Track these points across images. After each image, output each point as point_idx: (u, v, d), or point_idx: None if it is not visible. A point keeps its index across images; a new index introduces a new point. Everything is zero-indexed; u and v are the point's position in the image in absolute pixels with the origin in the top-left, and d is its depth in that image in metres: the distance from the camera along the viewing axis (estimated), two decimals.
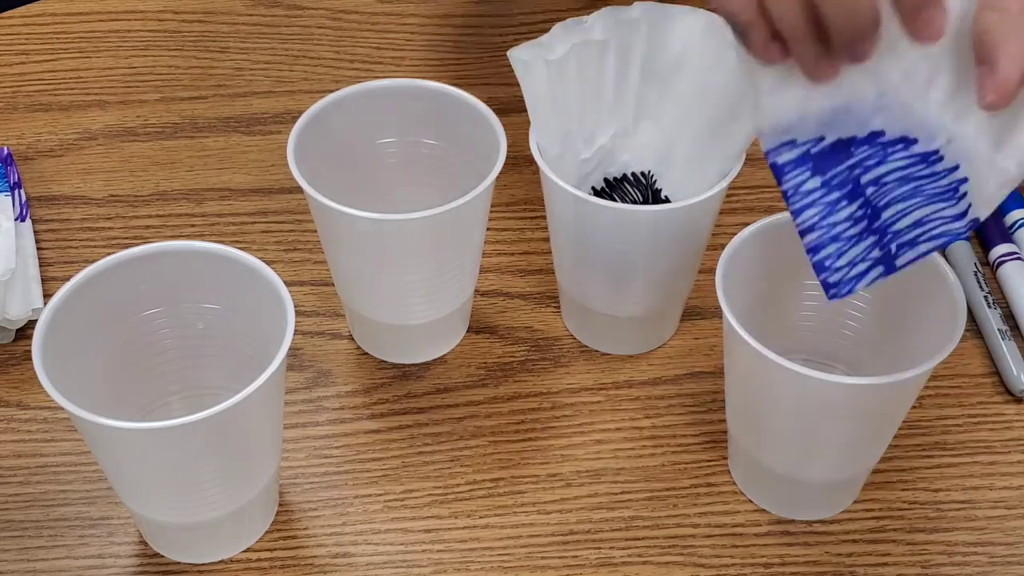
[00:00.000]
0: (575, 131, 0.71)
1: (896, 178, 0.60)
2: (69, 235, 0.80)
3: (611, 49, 0.69)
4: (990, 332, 0.74)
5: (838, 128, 0.59)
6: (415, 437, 0.71)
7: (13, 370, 0.74)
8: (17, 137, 0.85)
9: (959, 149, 0.59)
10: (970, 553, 0.67)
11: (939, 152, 0.60)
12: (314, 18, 0.93)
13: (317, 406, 0.73)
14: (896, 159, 0.60)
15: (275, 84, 0.89)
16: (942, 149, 0.60)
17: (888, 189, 0.60)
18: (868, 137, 0.60)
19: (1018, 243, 0.78)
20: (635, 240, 0.68)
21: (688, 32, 0.69)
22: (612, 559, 0.67)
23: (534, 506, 0.69)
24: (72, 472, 0.69)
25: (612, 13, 0.69)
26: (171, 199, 0.82)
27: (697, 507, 0.69)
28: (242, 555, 0.67)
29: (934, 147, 0.60)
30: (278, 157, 0.81)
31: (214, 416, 0.58)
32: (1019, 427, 0.72)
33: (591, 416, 0.72)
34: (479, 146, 0.70)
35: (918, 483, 0.70)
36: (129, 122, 0.87)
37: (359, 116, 0.72)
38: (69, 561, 0.66)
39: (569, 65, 0.68)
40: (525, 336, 0.76)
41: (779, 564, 0.67)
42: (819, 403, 0.61)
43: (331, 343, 0.75)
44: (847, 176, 0.60)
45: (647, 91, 0.71)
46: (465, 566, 0.66)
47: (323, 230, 0.70)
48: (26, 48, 0.91)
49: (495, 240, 0.80)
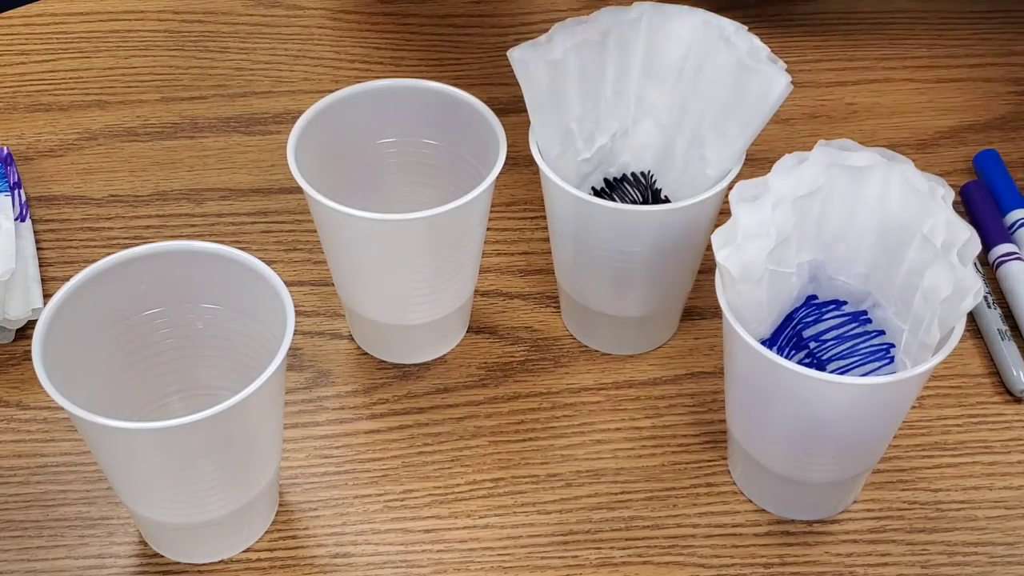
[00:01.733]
0: (575, 131, 0.71)
1: (833, 336, 0.66)
2: (69, 235, 0.80)
3: (611, 49, 0.69)
4: (990, 332, 0.74)
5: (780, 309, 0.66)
6: (415, 437, 0.71)
7: (13, 370, 0.74)
8: (17, 137, 0.86)
9: (882, 317, 0.66)
10: (970, 553, 0.67)
11: (867, 314, 0.66)
12: (314, 18, 0.93)
13: (317, 406, 0.73)
14: (830, 317, 0.67)
15: (275, 84, 0.89)
16: (870, 312, 0.66)
17: (829, 346, 0.67)
18: (805, 302, 0.67)
19: (1018, 243, 0.78)
20: (635, 240, 0.68)
21: (687, 32, 0.69)
22: (612, 559, 0.67)
23: (534, 506, 0.69)
24: (72, 472, 0.69)
25: (612, 14, 0.69)
26: (171, 199, 0.82)
27: (697, 507, 0.69)
28: (242, 555, 0.67)
29: (863, 308, 0.66)
30: (278, 157, 0.81)
31: (214, 416, 0.58)
32: (1019, 427, 0.72)
33: (591, 416, 0.72)
34: (479, 146, 0.70)
35: (918, 483, 0.70)
36: (129, 122, 0.87)
37: (359, 116, 0.72)
38: (69, 561, 0.66)
39: (569, 65, 0.68)
40: (525, 336, 0.76)
41: (779, 564, 0.67)
42: (819, 403, 0.61)
43: (331, 343, 0.75)
44: (791, 333, 0.66)
45: (647, 91, 0.71)
46: (465, 566, 0.66)
47: (323, 230, 0.70)
48: (26, 48, 0.91)
49: (495, 240, 0.80)
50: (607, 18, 0.69)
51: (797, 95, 0.88)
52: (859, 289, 0.66)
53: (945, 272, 0.60)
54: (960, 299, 0.59)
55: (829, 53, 0.91)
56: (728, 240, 0.62)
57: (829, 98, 0.88)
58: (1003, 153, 0.84)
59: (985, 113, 0.88)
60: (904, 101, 0.88)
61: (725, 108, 0.68)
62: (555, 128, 0.69)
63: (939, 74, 0.90)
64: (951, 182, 0.82)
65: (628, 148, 0.73)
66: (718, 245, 0.62)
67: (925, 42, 0.92)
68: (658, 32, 0.69)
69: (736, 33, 0.68)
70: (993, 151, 0.84)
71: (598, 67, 0.69)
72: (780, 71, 0.66)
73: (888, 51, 0.92)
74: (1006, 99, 0.89)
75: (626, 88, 0.71)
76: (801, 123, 0.87)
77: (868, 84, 0.90)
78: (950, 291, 0.60)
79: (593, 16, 0.69)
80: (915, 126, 0.87)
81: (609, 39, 0.69)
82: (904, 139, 0.86)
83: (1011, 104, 0.88)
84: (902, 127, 0.87)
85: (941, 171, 0.83)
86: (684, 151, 0.71)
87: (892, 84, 0.90)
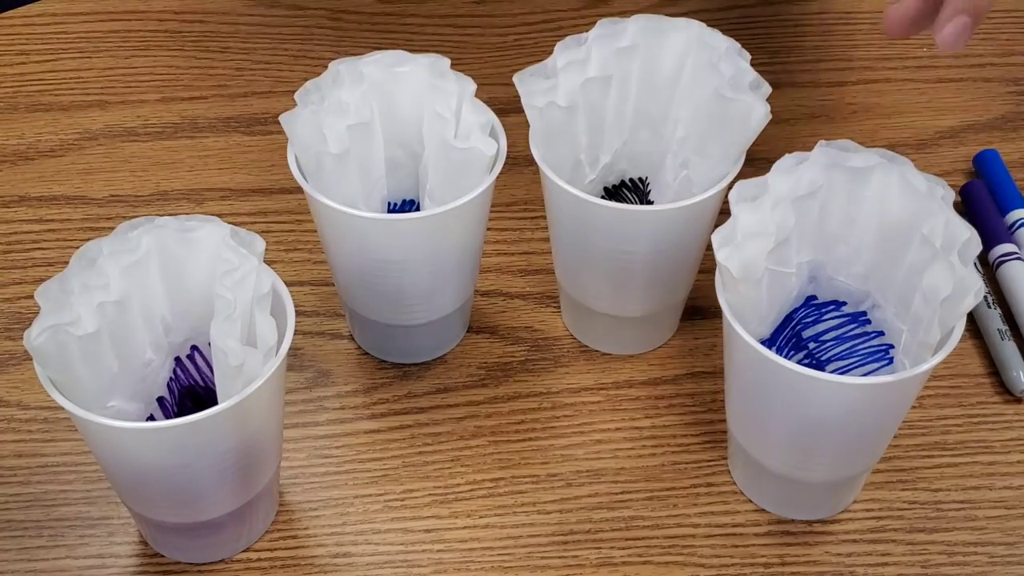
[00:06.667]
0: (583, 160, 0.71)
1: (833, 337, 0.67)
2: (69, 235, 0.80)
3: (613, 80, 0.69)
4: (990, 332, 0.74)
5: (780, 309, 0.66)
6: (415, 437, 0.71)
7: (13, 370, 0.74)
8: (17, 137, 0.86)
9: (881, 318, 0.66)
10: (970, 553, 0.67)
11: (866, 315, 0.66)
12: (314, 18, 0.93)
13: (317, 406, 0.73)
14: (830, 318, 0.67)
15: (275, 84, 0.89)
16: (869, 313, 0.66)
17: (828, 346, 0.67)
18: (804, 303, 0.67)
19: (1018, 243, 0.78)
20: (635, 240, 0.68)
21: (682, 46, 0.69)
22: (612, 559, 0.67)
23: (534, 506, 0.69)
24: (72, 472, 0.70)
25: (609, 38, 0.69)
26: (171, 199, 0.82)
27: (697, 507, 0.69)
28: (242, 555, 0.67)
29: (862, 309, 0.66)
30: (278, 157, 0.81)
31: (214, 416, 0.58)
32: (1019, 427, 0.72)
33: (591, 416, 0.72)
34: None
35: (918, 483, 0.70)
36: (129, 122, 0.87)
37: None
38: (69, 561, 0.66)
39: (578, 108, 0.69)
40: (525, 336, 0.76)
41: (779, 564, 0.67)
42: (819, 403, 0.61)
43: (331, 343, 0.75)
44: (790, 334, 0.67)
45: (644, 102, 0.71)
46: (465, 566, 0.66)
47: (323, 230, 0.70)
48: (26, 48, 0.91)
49: (495, 240, 0.80)
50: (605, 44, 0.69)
51: (797, 95, 0.88)
52: (859, 289, 0.66)
53: (945, 272, 0.60)
54: (960, 299, 0.59)
55: (829, 53, 0.91)
56: (728, 240, 0.62)
57: (829, 98, 0.88)
58: (1003, 153, 0.84)
59: (985, 113, 0.88)
60: (904, 101, 0.89)
61: (708, 133, 0.68)
62: (565, 160, 0.70)
63: (939, 74, 0.90)
64: (951, 182, 0.82)
65: (626, 156, 0.73)
66: (718, 244, 0.62)
67: (925, 42, 0.92)
68: (653, 49, 0.70)
69: (725, 54, 0.68)
70: (993, 151, 0.84)
71: (602, 98, 0.70)
72: (759, 100, 0.67)
73: (888, 51, 0.92)
74: (1006, 99, 0.89)
75: (626, 106, 0.71)
76: (801, 123, 0.87)
77: (868, 84, 0.90)
78: (950, 291, 0.60)
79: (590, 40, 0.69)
80: (915, 126, 0.87)
81: (611, 72, 0.69)
82: (904, 139, 0.86)
83: (1011, 104, 0.88)
84: (902, 127, 0.87)
85: (941, 171, 0.83)
86: (673, 168, 0.72)
87: (892, 84, 0.90)
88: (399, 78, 0.70)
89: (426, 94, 0.70)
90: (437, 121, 0.68)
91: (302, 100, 0.68)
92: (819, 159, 0.64)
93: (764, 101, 0.67)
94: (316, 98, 0.69)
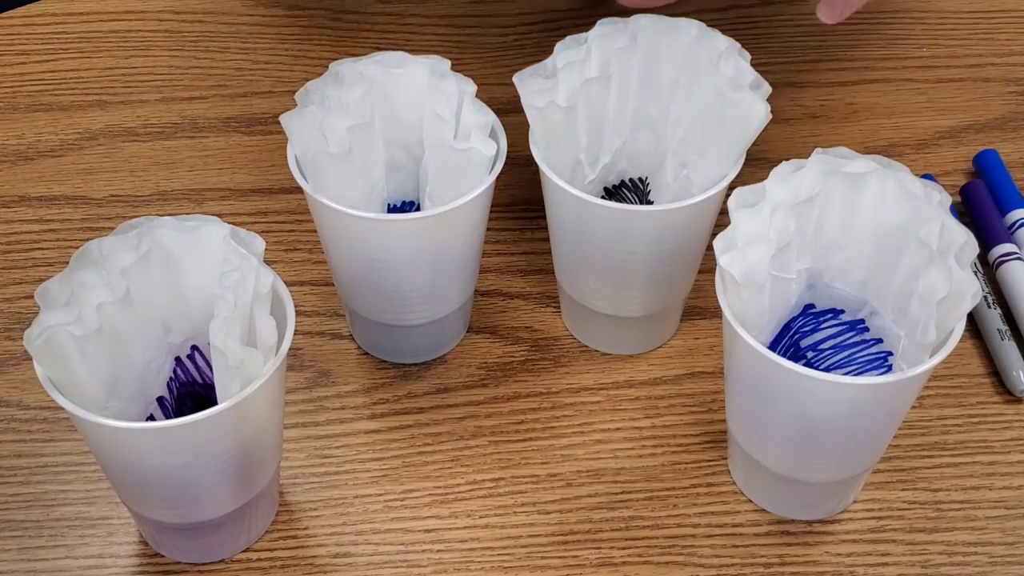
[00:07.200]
0: (583, 160, 0.71)
1: (831, 345, 0.67)
2: (69, 235, 0.80)
3: (614, 80, 0.69)
4: (990, 332, 0.74)
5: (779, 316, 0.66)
6: (415, 437, 0.71)
7: (13, 370, 0.74)
8: (17, 137, 0.86)
9: (879, 325, 0.66)
10: (970, 553, 0.67)
11: (864, 323, 0.66)
12: (314, 18, 0.93)
13: (317, 406, 0.73)
14: (828, 326, 0.67)
15: (275, 84, 0.89)
16: (867, 321, 0.66)
17: (827, 355, 0.67)
18: (802, 312, 0.67)
19: (1018, 243, 0.78)
20: (635, 240, 0.68)
21: (682, 46, 0.69)
22: (612, 559, 0.67)
23: (534, 506, 0.69)
24: (72, 472, 0.70)
25: (608, 37, 0.69)
26: (171, 199, 0.82)
27: (697, 507, 0.69)
28: (242, 555, 0.67)
29: (860, 317, 0.66)
30: (278, 157, 0.81)
31: (214, 416, 0.58)
32: (1019, 427, 0.72)
33: (591, 416, 0.72)
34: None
35: (918, 483, 0.70)
36: (129, 122, 0.87)
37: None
38: (69, 561, 0.66)
39: (579, 108, 0.69)
40: (525, 336, 0.76)
41: (779, 564, 0.67)
42: (819, 403, 0.61)
43: (331, 343, 0.75)
44: (788, 343, 0.67)
45: (644, 102, 0.71)
46: (465, 566, 0.66)
47: (323, 230, 0.70)
48: (26, 48, 0.91)
49: (495, 240, 0.80)
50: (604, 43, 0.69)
51: (797, 95, 0.88)
52: (856, 297, 0.66)
53: (942, 274, 0.60)
54: (958, 302, 0.60)
55: (829, 53, 0.91)
56: (729, 245, 0.62)
57: (829, 98, 0.88)
58: (1003, 153, 0.84)
59: (985, 113, 0.88)
60: (904, 101, 0.89)
61: (707, 133, 0.68)
62: (565, 160, 0.70)
63: (939, 74, 0.90)
64: (951, 182, 0.82)
65: (626, 156, 0.73)
66: (720, 250, 0.62)
67: (925, 42, 0.92)
68: (653, 48, 0.70)
69: (726, 54, 0.68)
70: (993, 151, 0.84)
71: (602, 98, 0.70)
72: (759, 100, 0.67)
73: (888, 51, 0.92)
74: (1006, 99, 0.89)
75: (625, 105, 0.71)
76: (801, 123, 0.87)
77: (868, 84, 0.90)
78: (946, 292, 0.60)
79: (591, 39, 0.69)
80: (915, 126, 0.87)
81: (612, 72, 0.69)
82: (904, 139, 0.86)
83: (1011, 104, 0.88)
84: (902, 127, 0.87)
85: (941, 171, 0.83)
86: (673, 168, 0.72)
87: (892, 84, 0.90)
88: (399, 79, 0.70)
89: (426, 95, 0.70)
90: (437, 122, 0.68)
91: (302, 100, 0.68)
92: (816, 165, 0.64)
93: (764, 101, 0.67)
94: (316, 98, 0.69)
